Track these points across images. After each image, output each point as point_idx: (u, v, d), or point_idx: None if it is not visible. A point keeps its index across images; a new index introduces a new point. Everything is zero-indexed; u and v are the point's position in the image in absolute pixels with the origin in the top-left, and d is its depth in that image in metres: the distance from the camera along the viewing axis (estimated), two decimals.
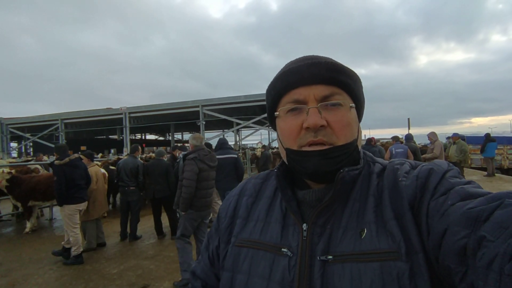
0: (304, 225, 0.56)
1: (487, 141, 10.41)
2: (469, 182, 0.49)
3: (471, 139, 15.01)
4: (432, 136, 7.14)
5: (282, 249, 0.56)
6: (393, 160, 0.62)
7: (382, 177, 0.57)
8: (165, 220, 5.43)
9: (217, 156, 4.61)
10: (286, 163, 0.62)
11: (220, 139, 5.25)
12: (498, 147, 12.09)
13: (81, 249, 4.21)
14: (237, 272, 0.60)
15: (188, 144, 3.98)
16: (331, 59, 0.59)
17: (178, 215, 5.43)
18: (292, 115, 0.57)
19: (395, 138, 7.10)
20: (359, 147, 0.61)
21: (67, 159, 4.09)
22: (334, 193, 0.54)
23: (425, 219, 0.47)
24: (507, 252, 0.35)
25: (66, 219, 4.15)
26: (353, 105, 0.58)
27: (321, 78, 0.56)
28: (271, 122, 0.66)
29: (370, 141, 8.01)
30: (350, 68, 0.60)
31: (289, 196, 0.60)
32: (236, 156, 4.92)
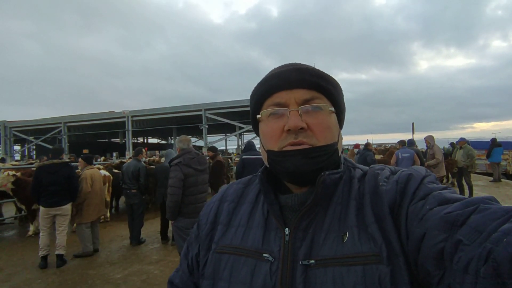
0: (286, 229, 0.56)
1: (493, 146, 10.31)
2: (445, 188, 0.50)
3: (474, 144, 14.90)
4: (430, 140, 6.99)
5: (264, 255, 0.55)
6: (373, 165, 0.63)
7: (363, 182, 0.58)
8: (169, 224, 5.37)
9: (248, 157, 5.01)
10: (268, 165, 0.62)
11: (248, 141, 5.72)
12: (504, 152, 11.97)
13: (44, 253, 4.22)
14: (218, 280, 0.58)
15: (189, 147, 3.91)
16: (313, 66, 0.62)
17: None
18: (274, 119, 0.58)
19: (402, 143, 6.99)
20: (340, 152, 0.61)
21: (41, 163, 4.35)
22: (316, 197, 0.54)
23: (405, 223, 0.48)
24: (482, 255, 0.36)
25: (39, 219, 4.31)
26: (333, 109, 0.60)
27: (303, 83, 0.58)
28: (254, 127, 0.67)
29: (367, 145, 8.19)
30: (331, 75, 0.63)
31: (272, 200, 0.60)
32: (261, 157, 5.32)
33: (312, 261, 0.51)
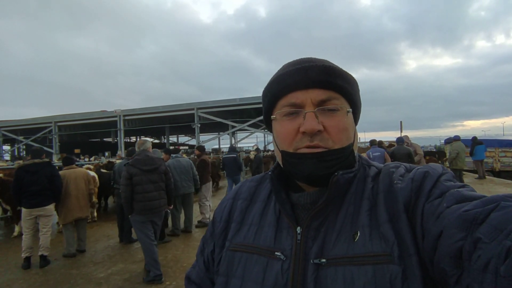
0: (298, 228, 0.56)
1: (474, 144, 10.49)
2: (463, 186, 0.49)
3: (463, 142, 15.12)
4: (407, 139, 7.55)
5: (276, 253, 0.56)
6: (388, 163, 0.61)
7: (377, 180, 0.57)
8: None
9: (226, 156, 7.77)
10: (282, 165, 0.61)
11: (231, 145, 8.81)
12: (490, 149, 12.19)
13: (26, 255, 4.20)
14: (232, 277, 0.59)
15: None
16: (328, 61, 0.59)
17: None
18: (289, 119, 0.57)
19: (372, 142, 7.23)
20: (355, 151, 0.60)
21: (21, 164, 4.33)
22: (328, 196, 0.54)
23: (420, 221, 0.47)
24: (502, 253, 0.35)
25: (22, 221, 4.30)
26: (350, 110, 0.58)
27: (318, 82, 0.56)
28: (267, 125, 0.65)
29: None
30: (347, 71, 0.60)
31: (283, 199, 0.60)
32: (235, 155, 7.84)
33: (324, 260, 0.51)
